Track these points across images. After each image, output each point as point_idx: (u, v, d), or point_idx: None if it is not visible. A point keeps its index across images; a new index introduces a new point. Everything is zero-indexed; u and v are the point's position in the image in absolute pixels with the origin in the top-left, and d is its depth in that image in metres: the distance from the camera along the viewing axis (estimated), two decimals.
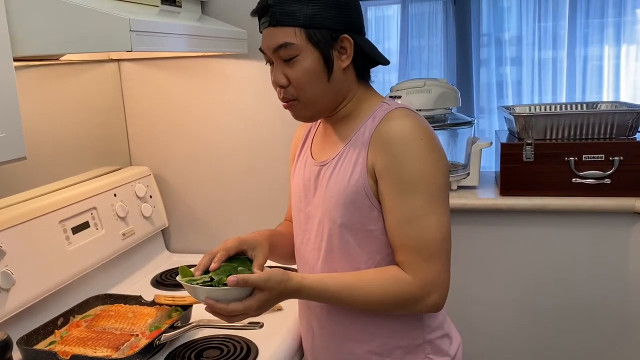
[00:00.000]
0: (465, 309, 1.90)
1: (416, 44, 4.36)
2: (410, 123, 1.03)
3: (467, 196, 1.84)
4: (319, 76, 1.04)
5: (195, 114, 1.80)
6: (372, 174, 1.04)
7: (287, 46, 1.02)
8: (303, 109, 1.08)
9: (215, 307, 0.97)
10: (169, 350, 1.23)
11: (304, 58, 1.02)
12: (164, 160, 1.86)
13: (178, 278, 1.04)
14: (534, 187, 1.79)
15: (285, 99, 1.08)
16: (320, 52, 1.02)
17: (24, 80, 1.46)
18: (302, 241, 1.17)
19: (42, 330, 1.25)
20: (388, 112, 1.05)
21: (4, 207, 1.35)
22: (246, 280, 0.96)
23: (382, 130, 1.03)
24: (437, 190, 1.02)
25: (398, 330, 1.10)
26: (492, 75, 4.32)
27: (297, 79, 1.03)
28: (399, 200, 1.01)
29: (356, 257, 1.08)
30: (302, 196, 1.17)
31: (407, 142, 1.01)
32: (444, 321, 1.16)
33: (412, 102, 1.84)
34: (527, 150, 1.77)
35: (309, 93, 1.05)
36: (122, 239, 1.62)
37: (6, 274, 1.22)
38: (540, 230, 1.81)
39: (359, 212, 1.05)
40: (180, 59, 1.77)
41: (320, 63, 1.03)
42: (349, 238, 1.07)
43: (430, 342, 1.12)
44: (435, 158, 1.02)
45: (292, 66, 1.03)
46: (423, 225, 1.00)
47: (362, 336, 1.11)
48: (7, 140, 0.93)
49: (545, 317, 1.86)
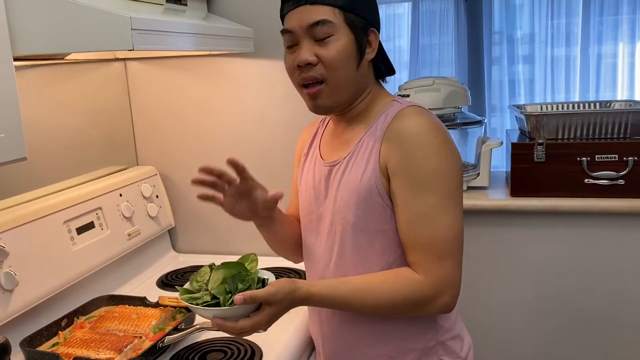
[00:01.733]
0: (475, 310, 1.87)
1: (427, 42, 4.32)
2: (424, 120, 1.01)
3: (477, 197, 1.81)
4: (351, 59, 1.03)
5: (201, 114, 1.79)
6: (384, 172, 1.02)
7: (325, 23, 1.00)
8: (329, 95, 1.04)
9: (224, 326, 0.95)
10: (173, 352, 1.22)
11: (338, 38, 1.01)
12: (171, 160, 1.85)
13: (180, 297, 1.02)
14: (545, 188, 1.76)
15: (311, 78, 1.03)
16: (354, 35, 1.02)
17: (30, 80, 1.45)
18: (315, 243, 1.15)
19: (45, 332, 1.25)
20: (400, 110, 1.04)
21: (8, 207, 1.35)
22: (254, 298, 0.93)
23: (394, 128, 1.02)
24: (451, 188, 1.00)
25: (412, 332, 1.08)
26: (504, 74, 4.27)
27: (330, 57, 1.01)
28: (412, 199, 0.99)
29: (369, 258, 1.06)
30: (312, 198, 1.15)
31: (421, 140, 0.99)
32: (456, 322, 1.14)
33: (421, 101, 1.81)
34: (538, 150, 1.74)
35: (339, 74, 1.03)
36: (128, 239, 1.61)
37: (9, 274, 1.22)
38: (551, 232, 1.78)
39: (372, 211, 1.04)
40: (186, 58, 1.75)
41: (353, 47, 1.02)
42: (362, 238, 1.05)
43: (443, 343, 1.10)
44: (449, 156, 1.01)
45: (326, 45, 1.01)
46: (436, 225, 0.98)
47: (376, 340, 1.10)
48: (7, 140, 0.92)
49: (556, 320, 1.83)
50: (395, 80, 4.05)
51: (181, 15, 1.34)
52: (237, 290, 0.99)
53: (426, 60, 4.38)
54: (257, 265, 1.07)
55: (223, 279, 1.01)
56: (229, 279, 1.00)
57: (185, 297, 1.02)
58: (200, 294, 1.01)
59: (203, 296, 1.00)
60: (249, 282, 1.01)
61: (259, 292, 0.94)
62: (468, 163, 1.95)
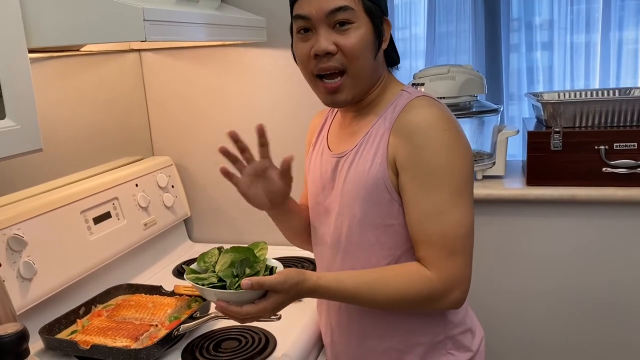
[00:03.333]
0: (490, 300, 1.86)
1: (444, 29, 4.25)
2: (434, 112, 0.98)
3: (492, 186, 1.79)
4: (370, 48, 1.01)
5: (215, 103, 1.80)
6: (392, 166, 1.00)
7: (346, 10, 0.97)
8: (350, 86, 1.01)
9: (228, 309, 0.94)
10: (188, 340, 1.23)
11: (358, 27, 0.98)
12: (186, 150, 1.86)
13: (186, 276, 1.02)
14: (562, 177, 1.73)
15: (331, 68, 0.99)
16: (373, 24, 1.00)
17: (47, 71, 1.47)
18: (323, 234, 1.14)
19: (64, 320, 1.27)
20: (409, 101, 1.01)
21: (26, 197, 1.37)
22: (261, 284, 0.92)
23: (403, 120, 0.99)
24: (462, 183, 0.97)
25: (419, 326, 1.07)
26: (522, 61, 4.20)
27: (351, 46, 0.98)
28: (422, 194, 0.97)
29: (376, 252, 1.04)
30: (319, 189, 1.13)
31: (431, 133, 0.96)
32: (466, 316, 1.13)
33: (436, 89, 1.80)
34: (555, 138, 1.71)
35: (359, 64, 1.00)
36: (144, 228, 1.63)
37: (28, 264, 1.24)
38: (568, 222, 1.76)
39: (379, 206, 1.02)
40: (200, 48, 1.76)
41: (372, 36, 1.00)
42: (369, 233, 1.04)
43: (451, 337, 1.09)
44: (459, 149, 0.98)
45: (346, 33, 0.98)
46: (446, 221, 0.96)
47: (383, 333, 1.09)
48: (23, 132, 0.93)
49: (573, 310, 1.81)
50: (411, 68, 4.02)
51: (194, 6, 1.34)
52: (245, 275, 0.98)
53: (443, 48, 4.32)
54: (267, 253, 1.06)
55: (231, 262, 1.00)
56: (237, 263, 0.99)
57: (192, 277, 1.01)
58: (207, 275, 1.00)
59: (209, 277, 0.99)
60: (257, 268, 1.00)
61: (267, 278, 0.93)
62: (484, 152, 1.93)
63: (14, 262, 1.22)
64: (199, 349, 1.20)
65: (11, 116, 0.92)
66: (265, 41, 1.63)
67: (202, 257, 1.07)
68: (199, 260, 1.07)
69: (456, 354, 1.10)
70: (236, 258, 1.01)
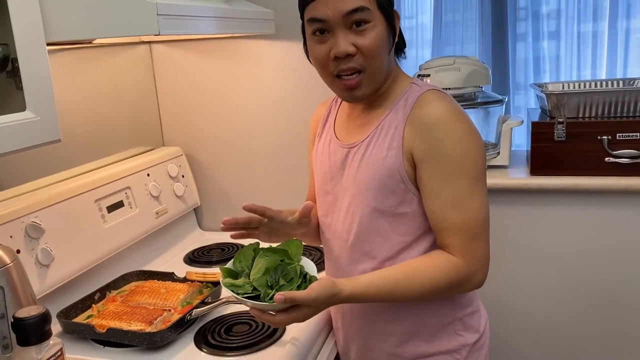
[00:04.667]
0: (494, 289, 1.89)
1: (450, 18, 4.24)
2: (447, 107, 1.02)
3: (497, 175, 1.82)
4: (386, 46, 1.03)
5: (224, 95, 1.82)
6: (409, 158, 1.03)
7: (363, 10, 0.98)
8: (367, 84, 1.03)
9: (262, 317, 0.98)
10: (200, 325, 1.27)
11: (375, 25, 0.99)
12: (196, 141, 1.90)
13: (222, 281, 1.04)
14: (566, 167, 1.76)
15: (350, 70, 1.01)
16: (386, 21, 1.02)
17: (59, 63, 1.50)
18: (331, 223, 1.17)
19: (80, 305, 1.31)
20: (421, 95, 1.04)
21: (43, 186, 1.41)
22: (294, 299, 0.93)
23: (418, 114, 1.03)
24: (479, 172, 1.02)
25: (430, 309, 1.11)
26: (529, 50, 4.19)
27: (370, 46, 0.99)
28: (443, 185, 1.01)
29: (389, 239, 1.08)
30: (327, 178, 1.16)
31: (448, 127, 1.00)
32: (473, 298, 1.17)
33: (441, 81, 1.82)
34: (558, 129, 1.73)
35: (377, 63, 1.02)
36: (156, 217, 1.67)
37: (46, 250, 1.28)
38: (571, 211, 1.79)
39: (394, 195, 1.05)
40: (209, 40, 1.79)
41: (387, 33, 1.02)
42: (382, 221, 1.07)
43: (460, 319, 1.13)
44: (474, 140, 1.02)
45: (364, 34, 0.99)
46: (467, 209, 1.01)
47: (394, 316, 1.12)
48: (42, 123, 0.97)
49: (575, 300, 1.84)
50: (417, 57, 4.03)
51: (204, 0, 1.37)
52: (278, 286, 1.00)
53: (449, 37, 4.31)
54: (301, 251, 1.08)
55: (266, 269, 1.02)
56: (272, 270, 1.01)
57: (227, 283, 1.03)
58: (242, 282, 1.03)
59: (245, 286, 1.01)
60: (291, 275, 1.02)
61: (299, 294, 0.94)
62: (489, 142, 1.95)
63: (32, 249, 1.26)
64: (210, 333, 1.24)
65: (31, 108, 0.95)
66: (274, 33, 1.66)
67: (238, 257, 1.09)
68: (235, 260, 1.09)
69: (465, 334, 1.13)
70: (271, 264, 1.02)
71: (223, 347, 1.18)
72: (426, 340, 1.12)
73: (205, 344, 1.20)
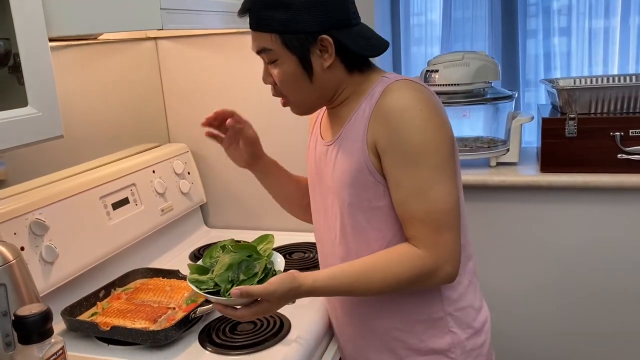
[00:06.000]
0: (502, 287, 1.87)
1: (460, 15, 4.22)
2: (408, 94, 1.01)
3: (506, 173, 1.79)
4: (300, 79, 1.04)
5: (231, 91, 1.81)
6: (373, 150, 1.03)
7: (266, 51, 1.03)
8: (297, 107, 1.11)
9: (224, 312, 1.02)
10: (205, 323, 1.26)
11: (282, 62, 1.03)
12: (202, 137, 1.86)
13: (188, 277, 1.08)
14: (577, 164, 1.73)
15: (275, 95, 1.10)
16: (297, 56, 1.02)
17: (65, 60, 1.49)
18: (320, 221, 1.19)
19: (84, 302, 1.30)
20: (387, 86, 1.03)
21: (48, 183, 1.40)
22: (250, 294, 0.96)
23: (380, 105, 1.02)
24: (441, 160, 1.00)
25: (416, 304, 1.10)
26: (539, 47, 4.15)
27: (280, 81, 1.05)
28: (404, 174, 1.00)
29: (368, 235, 1.07)
30: (314, 176, 1.18)
31: (406, 115, 0.99)
32: (466, 293, 1.13)
33: (450, 76, 1.80)
34: (569, 125, 1.71)
35: (294, 94, 1.07)
36: (161, 214, 1.66)
37: (50, 247, 1.27)
38: (582, 208, 1.76)
39: (365, 189, 1.05)
40: (215, 35, 1.77)
41: (299, 67, 1.03)
42: (359, 217, 1.07)
43: (451, 314, 1.11)
44: (436, 128, 1.00)
45: (275, 68, 1.05)
46: (430, 198, 0.99)
47: (382, 313, 1.12)
48: (44, 119, 0.96)
49: (585, 297, 1.82)
50: (426, 54, 4.00)
51: None
52: (239, 281, 1.03)
53: (459, 34, 4.28)
54: (272, 246, 1.11)
55: (229, 265, 1.04)
56: (235, 266, 1.04)
57: (192, 279, 1.07)
58: (206, 278, 1.06)
59: (208, 281, 1.05)
60: (255, 270, 1.04)
61: (256, 288, 0.96)
62: (497, 139, 1.93)
63: (36, 246, 1.25)
64: (215, 331, 1.23)
65: (33, 104, 0.94)
66: None
67: (208, 253, 1.12)
68: (205, 257, 1.12)
69: (458, 332, 1.11)
70: (235, 260, 1.05)
71: (227, 346, 1.17)
72: (418, 337, 1.11)
73: (210, 343, 1.18)
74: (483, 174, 1.80)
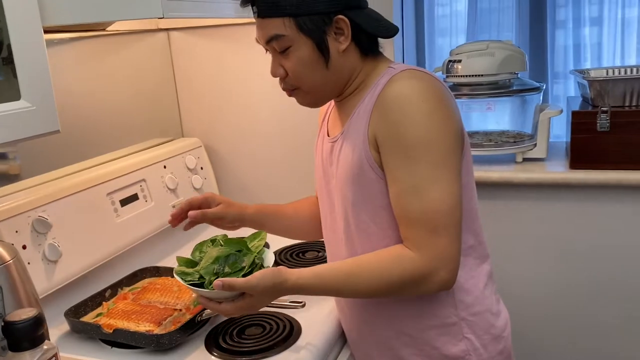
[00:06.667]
0: (527, 290, 1.79)
1: (486, 5, 4.11)
2: (411, 84, 0.94)
3: (532, 169, 1.70)
4: (316, 64, 0.98)
5: (245, 83, 1.76)
6: (373, 144, 0.96)
7: (279, 38, 0.96)
8: (306, 96, 1.04)
9: (208, 305, 0.99)
10: (212, 326, 1.21)
11: (297, 48, 0.96)
12: (216, 132, 1.84)
13: (175, 269, 1.06)
14: (609, 160, 1.63)
15: (288, 88, 1.03)
16: (313, 40, 0.96)
17: (74, 52, 1.46)
18: (327, 220, 1.14)
19: (90, 302, 1.27)
20: (393, 76, 0.96)
21: (52, 179, 1.37)
22: (232, 286, 0.94)
23: (382, 95, 0.95)
24: (442, 156, 0.92)
25: (426, 309, 1.03)
26: (569, 37, 4.02)
27: (293, 70, 0.99)
28: (400, 170, 0.93)
29: (372, 235, 1.01)
30: (321, 174, 1.13)
31: (406, 106, 0.92)
32: (483, 297, 1.06)
33: (473, 66, 1.71)
34: (601, 118, 1.61)
35: (309, 82, 1.00)
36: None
37: (53, 246, 1.24)
38: (615, 208, 1.66)
39: (368, 186, 0.99)
40: (229, 26, 1.72)
41: (315, 51, 0.97)
42: (363, 215, 1.01)
43: (465, 319, 1.04)
44: (438, 120, 0.93)
45: (287, 57, 0.98)
46: (427, 197, 0.92)
47: (390, 318, 1.06)
48: (38, 113, 0.91)
49: (622, 301, 1.72)
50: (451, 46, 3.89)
51: None
52: (223, 273, 1.01)
53: (485, 25, 4.17)
54: (264, 243, 1.08)
55: (216, 258, 1.03)
56: (222, 259, 1.03)
57: (178, 271, 1.05)
58: (192, 271, 1.04)
59: (194, 274, 1.03)
60: (242, 265, 1.03)
61: (238, 281, 0.94)
62: (524, 133, 1.84)
63: (39, 245, 1.22)
64: (222, 335, 1.18)
65: (26, 97, 0.90)
66: None
67: (198, 247, 1.11)
68: (194, 250, 1.10)
69: (473, 338, 1.04)
70: (222, 253, 1.03)
71: (234, 352, 1.11)
72: (430, 344, 1.04)
73: (216, 347, 1.13)
74: (508, 170, 1.72)
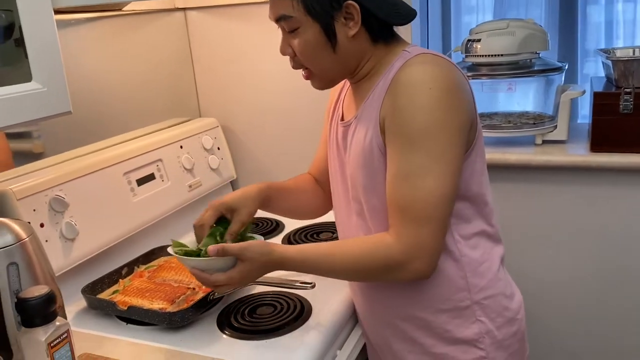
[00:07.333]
0: (546, 274, 1.76)
1: None
2: (424, 70, 0.92)
3: (552, 152, 1.67)
4: (323, 48, 0.97)
5: (262, 64, 1.75)
6: (383, 129, 0.96)
7: (286, 19, 0.97)
8: (319, 79, 1.04)
9: (200, 276, 1.00)
10: (223, 305, 1.23)
11: (304, 30, 0.96)
12: (233, 112, 1.84)
13: (169, 249, 1.08)
14: (632, 143, 1.58)
15: (295, 68, 1.04)
16: (320, 24, 0.95)
17: (92, 32, 1.47)
18: (339, 204, 1.14)
19: (107, 279, 1.30)
20: (407, 60, 0.94)
21: (69, 159, 1.39)
22: (225, 250, 0.96)
23: (395, 80, 0.94)
24: (441, 148, 0.91)
25: (438, 293, 1.03)
26: (601, 14, 3.89)
27: (300, 51, 0.99)
28: (398, 155, 0.93)
29: (383, 220, 1.00)
30: (335, 157, 1.12)
31: (414, 93, 0.91)
32: (496, 279, 1.05)
33: (493, 46, 1.68)
34: (625, 100, 1.56)
35: (316, 64, 1.00)
36: (189, 190, 1.63)
37: (70, 224, 1.26)
38: (636, 192, 1.62)
39: (378, 172, 0.98)
40: (246, 5, 1.71)
41: (322, 35, 0.96)
42: (374, 200, 1.01)
43: (479, 303, 1.03)
44: (444, 111, 0.90)
45: (295, 37, 0.98)
46: (417, 186, 0.91)
47: (401, 301, 1.06)
48: (49, 94, 0.93)
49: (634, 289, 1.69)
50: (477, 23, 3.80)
51: None
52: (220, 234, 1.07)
53: (512, 1, 4.06)
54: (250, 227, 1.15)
55: (211, 232, 1.08)
56: (219, 234, 1.08)
57: (175, 244, 1.08)
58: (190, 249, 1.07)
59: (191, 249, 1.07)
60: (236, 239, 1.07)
61: (230, 245, 0.98)
62: (545, 114, 1.80)
63: (56, 223, 1.24)
64: (234, 314, 1.19)
65: (37, 79, 0.91)
66: None
67: None
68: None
69: (486, 321, 1.04)
70: (215, 230, 1.09)
71: (245, 330, 1.13)
72: (442, 327, 1.04)
73: (228, 326, 1.15)
74: (527, 152, 1.68)
